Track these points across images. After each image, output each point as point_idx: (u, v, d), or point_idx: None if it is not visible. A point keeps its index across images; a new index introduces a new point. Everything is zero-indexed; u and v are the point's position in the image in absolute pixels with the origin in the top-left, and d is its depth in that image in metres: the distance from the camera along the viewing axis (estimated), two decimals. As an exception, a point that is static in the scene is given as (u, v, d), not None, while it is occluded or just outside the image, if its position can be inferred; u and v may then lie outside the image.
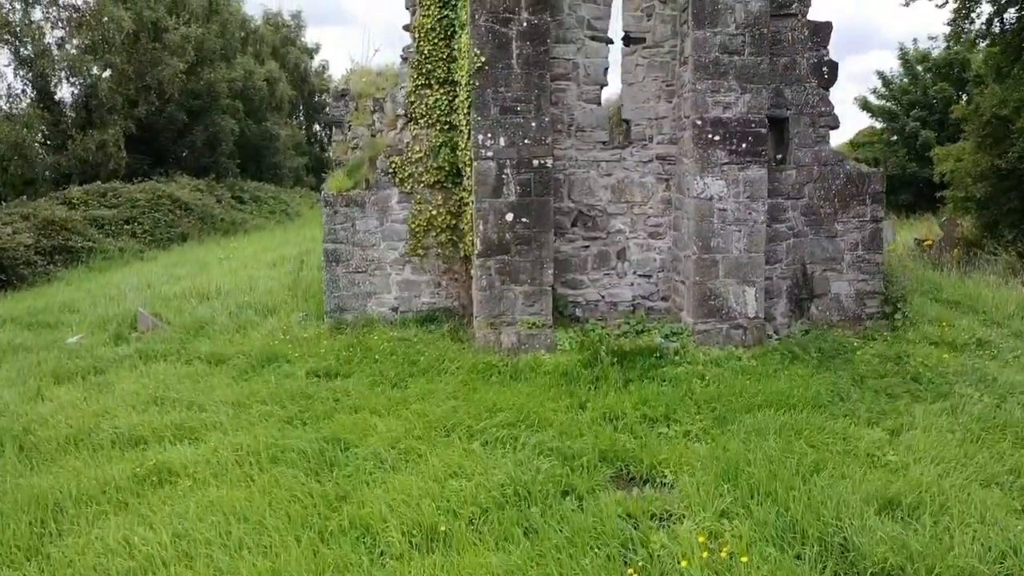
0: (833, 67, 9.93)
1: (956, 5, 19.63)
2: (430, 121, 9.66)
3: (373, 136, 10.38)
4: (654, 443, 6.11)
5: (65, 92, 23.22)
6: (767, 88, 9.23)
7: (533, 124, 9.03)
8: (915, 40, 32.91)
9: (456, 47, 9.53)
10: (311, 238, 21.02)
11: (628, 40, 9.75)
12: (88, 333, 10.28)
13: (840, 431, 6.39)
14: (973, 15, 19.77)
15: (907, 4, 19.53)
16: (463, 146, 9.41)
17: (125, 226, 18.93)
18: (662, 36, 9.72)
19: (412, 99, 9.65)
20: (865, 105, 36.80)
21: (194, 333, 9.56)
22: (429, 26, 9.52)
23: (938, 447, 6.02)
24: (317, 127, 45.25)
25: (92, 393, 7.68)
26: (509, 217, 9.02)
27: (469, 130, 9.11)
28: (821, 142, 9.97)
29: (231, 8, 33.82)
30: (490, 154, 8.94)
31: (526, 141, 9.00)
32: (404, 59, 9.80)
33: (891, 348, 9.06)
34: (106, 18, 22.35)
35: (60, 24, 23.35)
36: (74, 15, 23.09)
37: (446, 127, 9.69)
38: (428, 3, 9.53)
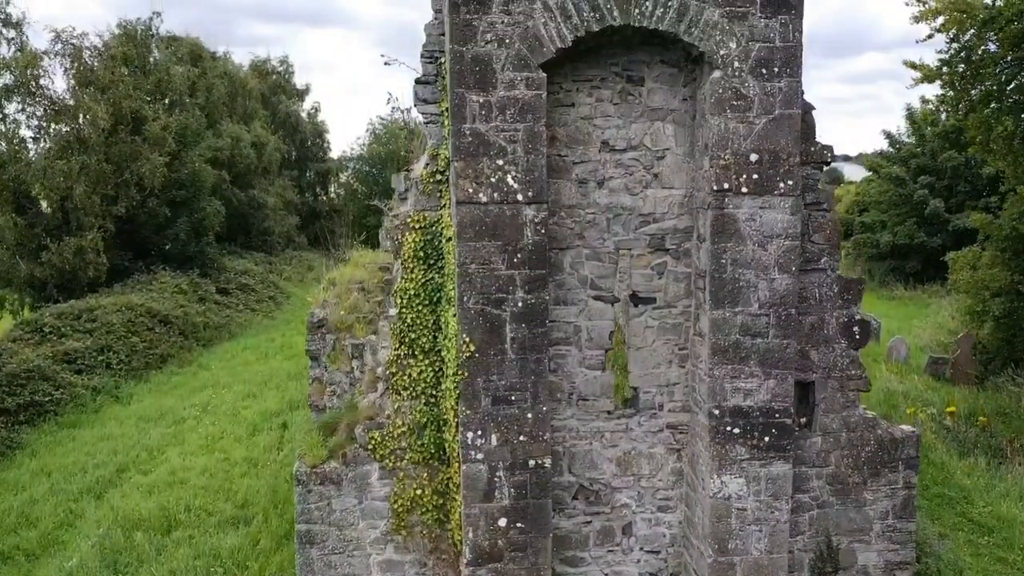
0: (865, 327, 8.93)
1: (979, 116, 18.64)
2: (414, 394, 8.66)
3: (352, 384, 9.38)
4: None
5: (38, 189, 22.06)
6: (793, 374, 8.23)
7: (529, 416, 8.02)
8: (923, 99, 31.75)
9: (443, 319, 8.52)
10: (299, 353, 20.03)
11: (636, 300, 8.73)
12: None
13: None
14: (997, 130, 18.77)
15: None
16: (451, 437, 8.40)
17: (99, 357, 17.87)
18: (674, 296, 8.71)
19: (393, 369, 8.64)
20: (872, 167, 35.82)
21: (150, 632, 8.56)
22: (412, 292, 8.50)
23: None
24: (309, 174, 44.12)
25: None
26: (502, 523, 8.02)
27: (456, 423, 8.11)
28: (850, 406, 8.98)
29: (216, 68, 32.65)
30: (480, 456, 7.93)
31: (521, 438, 7.99)
32: (386, 318, 8.79)
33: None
34: (82, 115, 21.25)
35: (35, 117, 22.28)
36: (50, 108, 21.99)
37: (431, 401, 8.68)
38: (411, 265, 8.51)
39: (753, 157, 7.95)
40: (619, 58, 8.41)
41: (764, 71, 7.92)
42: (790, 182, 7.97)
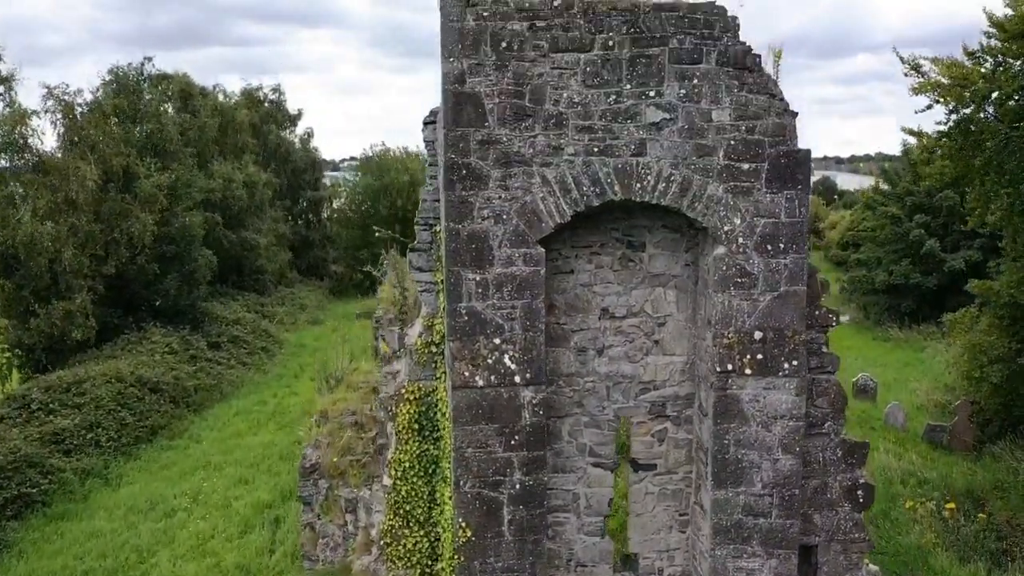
0: (868, 491, 8.76)
1: (978, 188, 18.49)
2: (409, 564, 8.45)
3: (345, 538, 9.17)
4: None
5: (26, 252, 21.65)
6: (796, 553, 8.05)
7: (527, 598, 7.84)
8: (922, 133, 31.52)
9: (438, 491, 8.31)
10: (292, 421, 19.80)
11: (637, 466, 8.54)
12: None
13: None
14: (996, 202, 18.63)
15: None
16: (447, 618, 8.21)
17: (88, 435, 17.56)
18: (675, 462, 8.52)
19: (388, 539, 8.43)
20: (869, 205, 35.75)
21: None
22: (407, 464, 8.30)
23: None
24: (302, 202, 43.72)
25: None
26: None
27: (453, 606, 7.91)
28: (854, 568, 8.81)
29: (207, 105, 32.26)
30: (478, 644, 7.74)
31: (519, 623, 7.81)
32: (380, 485, 8.57)
33: None
34: (72, 176, 20.91)
35: (23, 175, 21.91)
36: (39, 168, 21.63)
37: (427, 571, 8.47)
38: (406, 437, 8.30)
39: (757, 335, 7.76)
40: (619, 223, 8.21)
41: (769, 247, 7.73)
42: (795, 362, 7.78)
